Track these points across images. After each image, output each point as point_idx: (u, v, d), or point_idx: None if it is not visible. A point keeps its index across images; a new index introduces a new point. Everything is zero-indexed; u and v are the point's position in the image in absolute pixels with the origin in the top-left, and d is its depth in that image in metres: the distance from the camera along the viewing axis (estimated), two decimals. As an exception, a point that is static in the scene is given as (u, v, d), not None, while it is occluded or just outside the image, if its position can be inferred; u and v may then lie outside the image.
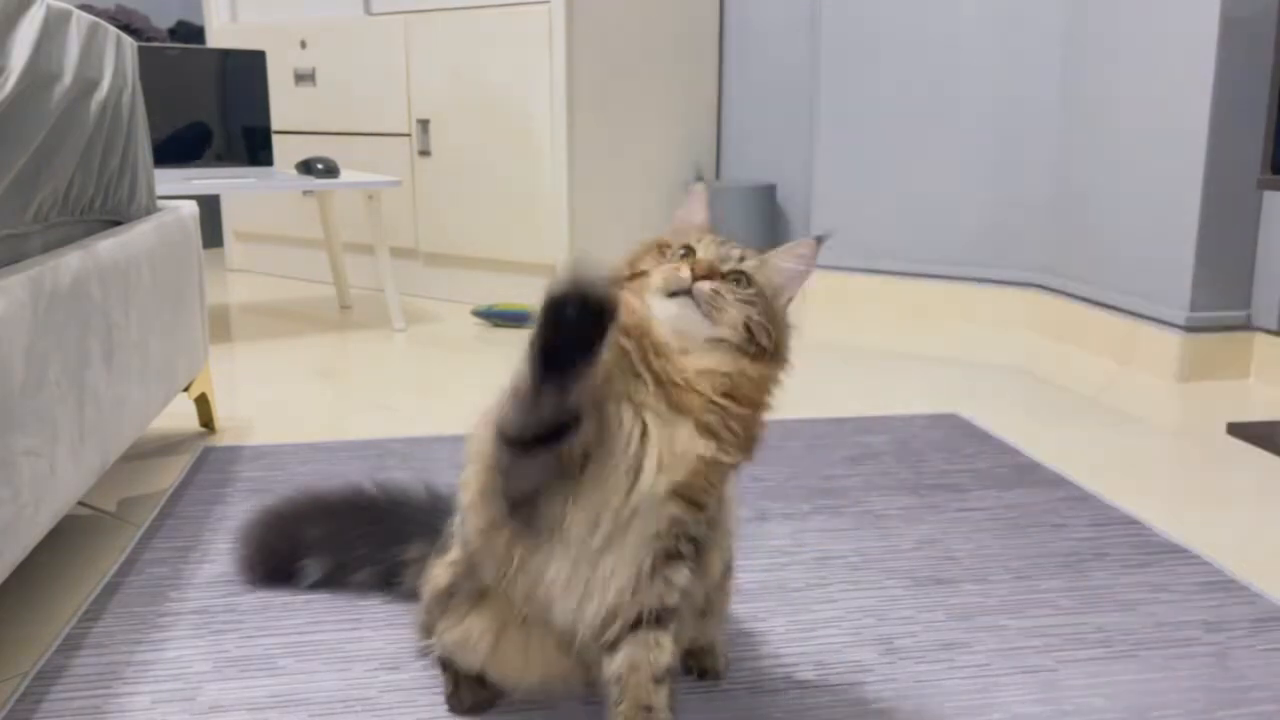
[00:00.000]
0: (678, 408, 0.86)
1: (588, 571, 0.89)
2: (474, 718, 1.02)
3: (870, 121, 3.06)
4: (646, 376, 0.86)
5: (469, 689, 1.03)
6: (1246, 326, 2.39)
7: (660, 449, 0.86)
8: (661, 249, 0.93)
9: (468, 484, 0.97)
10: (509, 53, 3.02)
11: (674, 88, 3.32)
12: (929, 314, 3.03)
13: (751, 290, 0.90)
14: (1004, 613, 1.25)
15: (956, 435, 1.93)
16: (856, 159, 3.10)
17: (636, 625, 0.91)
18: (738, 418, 0.88)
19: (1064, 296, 2.76)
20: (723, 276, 0.89)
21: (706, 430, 0.87)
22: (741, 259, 0.91)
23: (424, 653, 1.11)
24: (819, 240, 0.93)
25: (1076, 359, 2.59)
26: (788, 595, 1.29)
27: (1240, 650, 1.16)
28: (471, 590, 0.98)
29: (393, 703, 1.04)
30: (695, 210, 0.96)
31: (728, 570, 1.04)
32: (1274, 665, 1.13)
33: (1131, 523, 1.53)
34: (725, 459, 0.88)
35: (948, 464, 1.77)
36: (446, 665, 1.06)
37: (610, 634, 0.91)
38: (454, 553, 1.01)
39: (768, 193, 3.33)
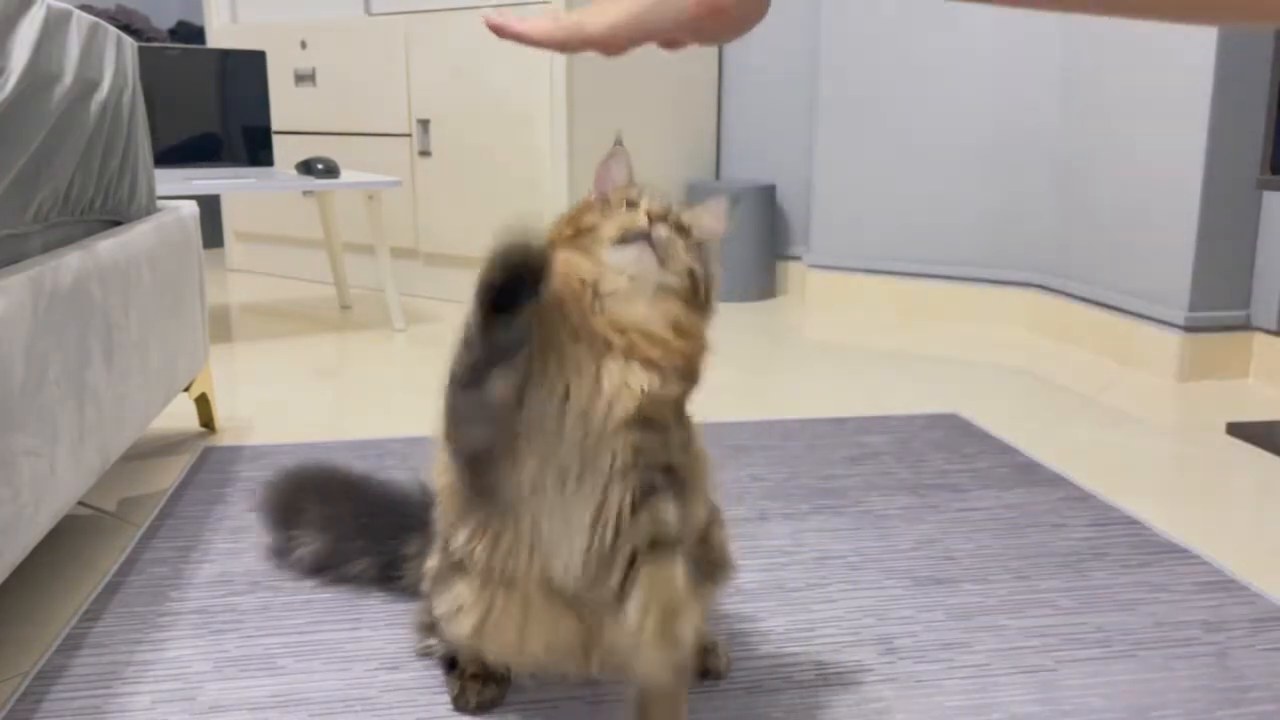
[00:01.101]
0: (617, 354, 0.87)
1: (563, 517, 0.89)
2: (479, 718, 1.02)
3: (870, 121, 3.06)
4: (578, 344, 0.87)
5: (474, 689, 1.03)
6: (1246, 326, 2.39)
7: (602, 386, 0.86)
8: (604, 204, 0.94)
9: (441, 470, 0.98)
10: (509, 53, 3.01)
11: (674, 88, 3.32)
12: (929, 314, 3.03)
13: (693, 240, 0.93)
14: (1003, 613, 1.25)
15: (956, 435, 1.93)
16: (856, 159, 3.10)
17: (634, 563, 0.89)
18: (680, 353, 0.89)
19: (1064, 296, 2.76)
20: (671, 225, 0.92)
21: (647, 363, 0.88)
22: (680, 212, 0.94)
23: (423, 653, 1.11)
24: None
25: (1076, 359, 2.59)
26: (787, 595, 1.29)
27: (1240, 650, 1.16)
28: (452, 562, 0.97)
29: (393, 703, 1.05)
30: (618, 170, 0.98)
31: (717, 518, 1.05)
32: (1274, 665, 1.13)
33: (1131, 523, 1.53)
34: (671, 391, 0.89)
35: (948, 464, 1.77)
36: (451, 665, 1.06)
37: (613, 580, 0.89)
38: (439, 538, 1.01)
39: (768, 193, 3.33)
